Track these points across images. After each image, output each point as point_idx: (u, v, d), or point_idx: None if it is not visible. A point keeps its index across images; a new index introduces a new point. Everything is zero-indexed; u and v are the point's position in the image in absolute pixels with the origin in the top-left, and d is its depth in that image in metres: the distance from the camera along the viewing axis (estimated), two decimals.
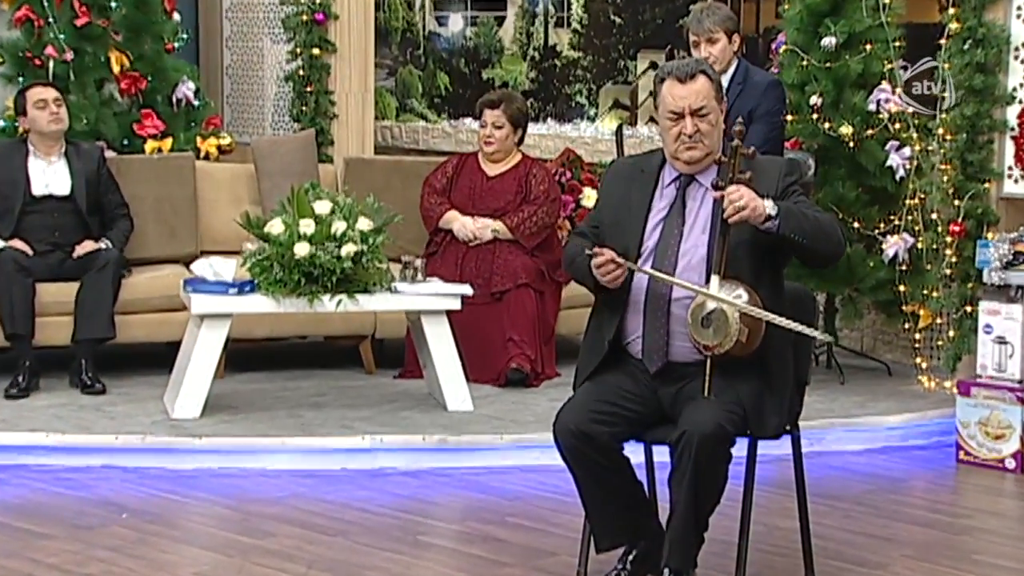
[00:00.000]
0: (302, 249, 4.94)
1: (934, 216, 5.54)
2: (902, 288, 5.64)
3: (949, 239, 5.42)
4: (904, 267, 5.63)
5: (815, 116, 5.67)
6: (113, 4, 6.34)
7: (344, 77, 7.28)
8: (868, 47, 5.64)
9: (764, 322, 3.25)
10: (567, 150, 6.75)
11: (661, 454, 3.43)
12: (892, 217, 5.68)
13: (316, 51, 7.20)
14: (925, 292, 5.60)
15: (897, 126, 5.64)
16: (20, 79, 6.19)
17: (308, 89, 7.22)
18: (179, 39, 6.67)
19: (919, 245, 5.61)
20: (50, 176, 5.69)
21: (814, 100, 5.65)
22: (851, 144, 5.65)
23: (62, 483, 4.53)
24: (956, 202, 5.43)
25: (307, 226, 4.99)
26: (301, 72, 7.24)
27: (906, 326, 5.77)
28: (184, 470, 4.69)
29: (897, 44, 5.64)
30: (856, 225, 5.66)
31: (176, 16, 6.62)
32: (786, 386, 3.39)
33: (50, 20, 6.23)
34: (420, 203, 6.00)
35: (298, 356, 6.15)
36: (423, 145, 8.10)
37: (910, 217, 5.63)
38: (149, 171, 6.12)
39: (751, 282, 3.30)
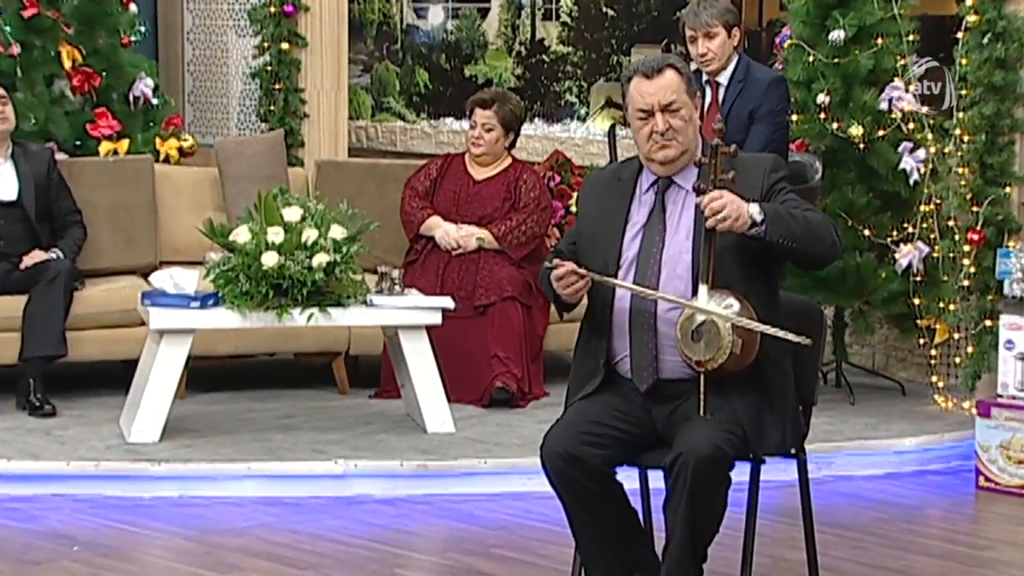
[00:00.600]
0: (270, 259, 4.95)
1: (951, 223, 5.57)
2: (917, 301, 5.67)
3: (967, 248, 5.46)
4: (919, 278, 5.66)
5: (822, 116, 5.71)
6: None
7: (315, 73, 7.30)
8: (879, 41, 5.68)
9: (759, 333, 3.27)
10: (556, 152, 6.78)
11: (657, 480, 3.44)
12: (905, 224, 5.72)
13: (285, 45, 7.22)
14: (941, 305, 5.63)
15: (911, 126, 5.67)
16: None
17: (276, 86, 7.24)
18: (136, 32, 6.67)
19: (935, 254, 5.65)
20: None
21: (821, 99, 5.69)
22: (861, 146, 5.68)
23: (8, 514, 4.52)
24: (974, 208, 5.47)
25: (275, 234, 5.00)
26: (269, 68, 7.25)
27: (921, 342, 5.80)
28: (141, 499, 4.69)
29: (911, 38, 5.69)
30: (867, 233, 5.70)
31: (133, 7, 6.62)
32: (786, 401, 3.42)
33: None
34: (400, 206, 6.01)
35: (266, 375, 6.15)
36: (401, 147, 8.12)
37: (925, 224, 5.67)
38: (104, 175, 6.12)
39: (743, 290, 3.32)
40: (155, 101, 6.62)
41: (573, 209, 6.38)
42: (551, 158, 6.70)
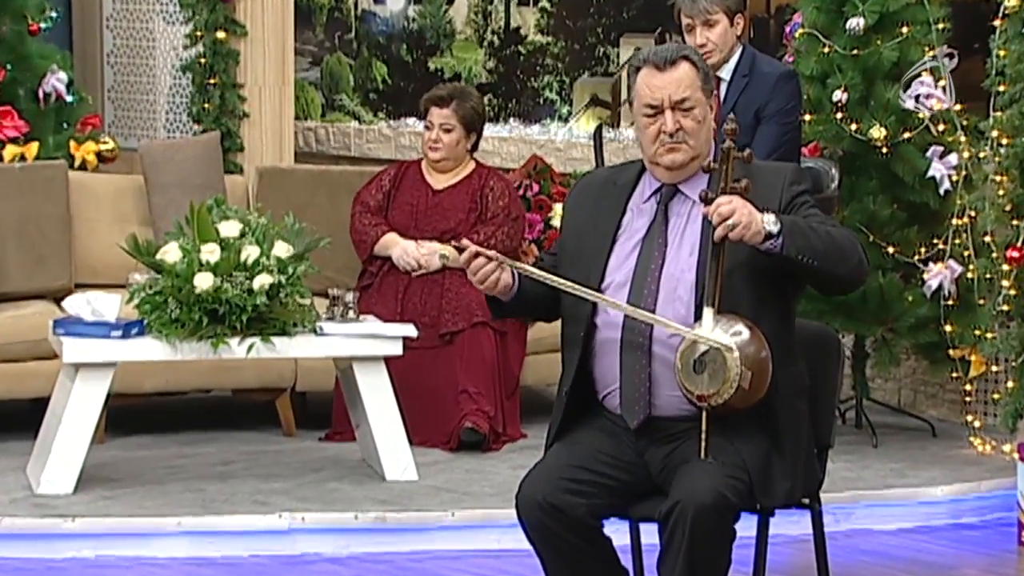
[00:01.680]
0: (204, 281, 4.95)
1: (987, 239, 5.60)
2: (948, 328, 5.71)
3: (1006, 267, 5.48)
4: (951, 302, 5.70)
5: (839, 115, 5.75)
6: None
7: (256, 67, 7.31)
8: (905, 30, 5.74)
9: (771, 366, 3.29)
10: (534, 157, 6.80)
11: (651, 534, 3.46)
12: (935, 240, 5.76)
13: (221, 34, 7.23)
14: (977, 333, 5.66)
15: (941, 127, 5.72)
16: None
17: (211, 81, 7.25)
18: (47, 18, 6.67)
19: (969, 275, 5.68)
20: None
21: (838, 96, 5.73)
22: (884, 150, 5.73)
23: None
24: (1014, 222, 5.50)
25: (210, 252, 5.01)
26: (203, 60, 7.26)
27: (954, 375, 5.83)
28: (53, 560, 4.67)
29: (941, 26, 5.74)
30: (891, 250, 5.74)
31: None
32: (800, 443, 3.44)
33: None
34: (351, 224, 6.03)
35: (199, 415, 6.15)
36: (355, 151, 8.14)
37: (957, 240, 5.71)
38: (9, 184, 6.11)
39: (753, 316, 3.35)
40: (69, 98, 6.62)
41: (555, 223, 6.40)
42: (528, 164, 6.72)
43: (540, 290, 3.50)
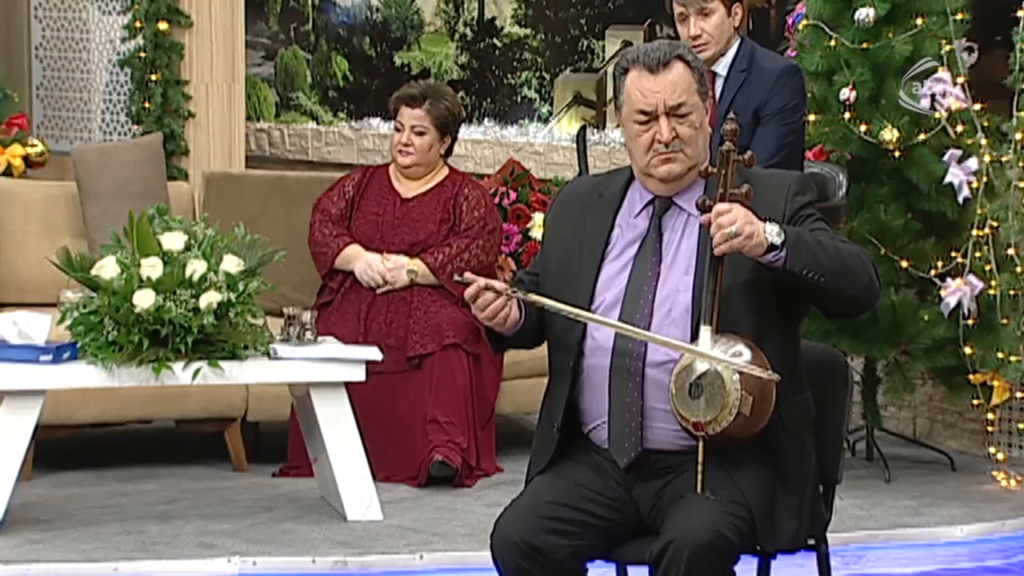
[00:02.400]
0: (145, 299, 4.94)
1: (1011, 252, 5.63)
2: (968, 351, 5.73)
3: None
4: (971, 322, 5.72)
5: (847, 116, 5.77)
6: None
7: (203, 61, 7.31)
8: (919, 21, 5.76)
9: (774, 391, 3.29)
10: (510, 162, 6.82)
11: None
12: (953, 253, 5.78)
13: (164, 25, 7.23)
14: (1000, 356, 5.68)
15: (959, 129, 5.74)
16: None
17: (153, 78, 7.25)
18: None
19: (990, 291, 5.70)
20: None
21: (845, 94, 5.76)
22: (896, 154, 5.75)
23: None
24: None
25: (152, 268, 5.00)
26: (143, 54, 7.26)
27: (975, 402, 5.85)
28: None
29: (959, 17, 5.76)
30: (904, 264, 5.76)
31: None
32: (806, 478, 3.44)
33: None
34: (309, 234, 6.03)
35: (138, 448, 6.13)
36: (314, 155, 8.15)
37: (978, 254, 5.73)
38: None
39: (754, 336, 3.35)
40: None
41: (534, 234, 6.41)
42: (504, 169, 6.74)
43: (535, 316, 3.51)
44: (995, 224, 5.70)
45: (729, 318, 3.34)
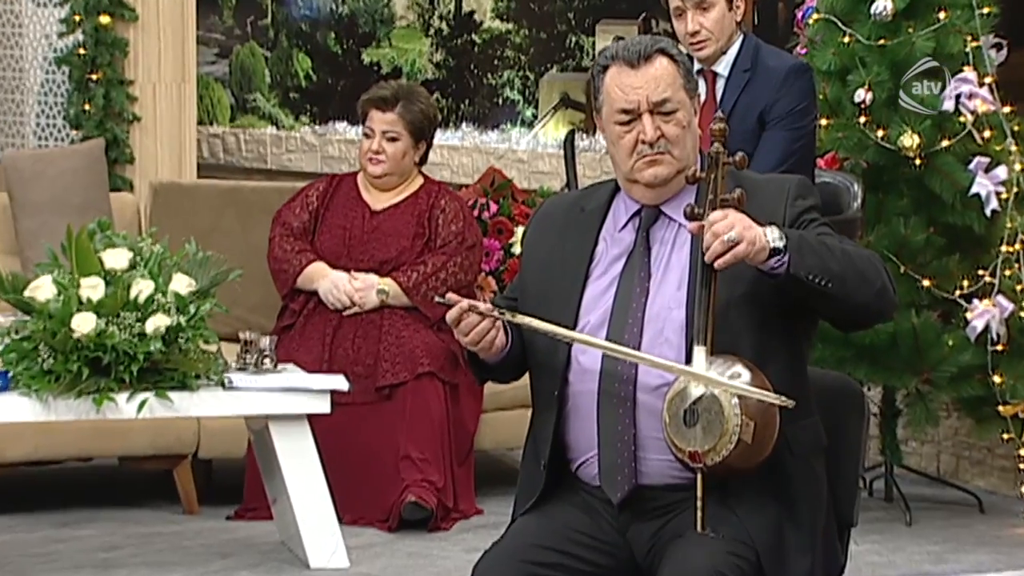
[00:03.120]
0: (85, 323, 4.94)
1: None
2: (997, 379, 5.73)
3: None
4: (1000, 347, 5.73)
5: (862, 120, 5.79)
6: None
7: (150, 59, 7.31)
8: (942, 16, 5.78)
9: (778, 416, 3.30)
10: (491, 171, 6.83)
11: None
12: (980, 272, 5.79)
13: (106, 19, 7.23)
14: None
15: (987, 134, 5.76)
16: None
17: (94, 77, 7.24)
18: None
19: (1022, 314, 5.71)
20: None
21: (860, 95, 5.77)
22: (917, 162, 5.77)
23: None
24: None
25: (92, 288, 5.00)
26: (83, 51, 7.25)
27: (1005, 437, 5.86)
28: None
29: (986, 11, 5.79)
30: (926, 284, 5.77)
31: None
32: (817, 514, 3.44)
33: None
34: (268, 251, 6.03)
35: (77, 488, 6.11)
36: (273, 163, 8.15)
37: (1008, 272, 5.74)
38: None
39: (756, 358, 3.35)
40: None
41: (516, 250, 6.42)
42: (484, 179, 6.75)
43: (519, 344, 3.51)
44: None
45: (727, 336, 3.34)
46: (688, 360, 3.34)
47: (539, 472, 3.48)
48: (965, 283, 5.78)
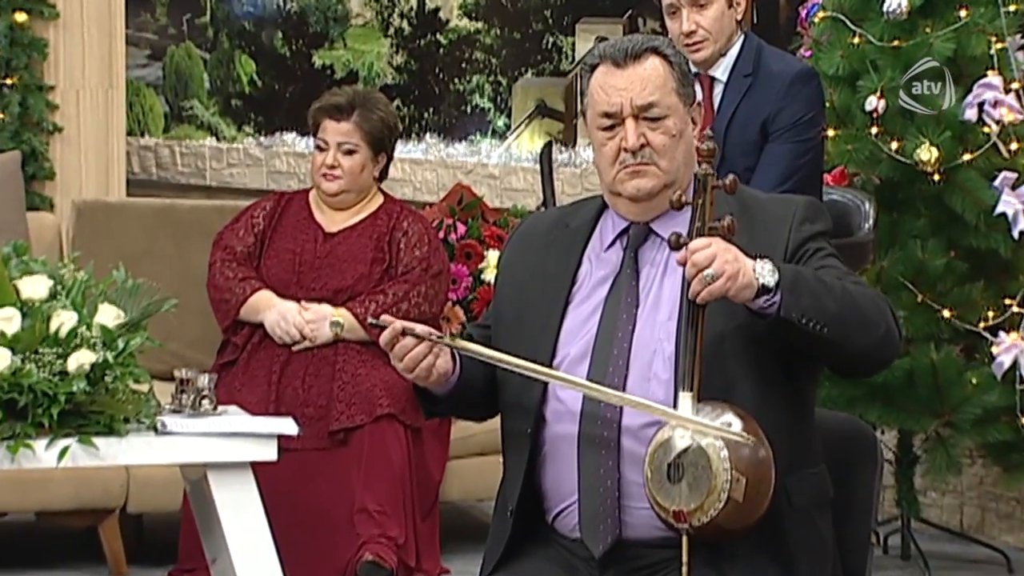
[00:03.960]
0: (0, 360, 4.94)
1: None
2: None
3: None
4: None
5: (874, 130, 5.81)
6: None
7: (73, 62, 7.31)
8: (963, 14, 5.81)
9: (772, 470, 3.29)
10: (458, 187, 6.83)
11: None
12: (1007, 301, 5.81)
13: (22, 17, 7.22)
14: None
15: (1014, 147, 5.78)
16: None
17: (8, 82, 7.23)
18: None
19: None
20: None
21: (872, 103, 5.79)
22: (936, 177, 5.79)
23: None
24: None
25: (7, 321, 4.99)
26: None
27: None
28: None
29: (1013, 8, 5.82)
30: (947, 314, 5.78)
31: None
32: (822, 573, 3.44)
33: None
34: (208, 278, 6.02)
35: None
36: (213, 179, 8.15)
37: None
38: None
39: (754, 401, 3.34)
40: None
41: (487, 277, 6.42)
42: (451, 196, 6.75)
43: (482, 375, 3.51)
44: None
45: (720, 376, 3.34)
46: (674, 407, 3.34)
47: (507, 521, 3.49)
48: (990, 314, 5.80)
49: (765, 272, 3.26)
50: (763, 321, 3.29)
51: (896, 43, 5.82)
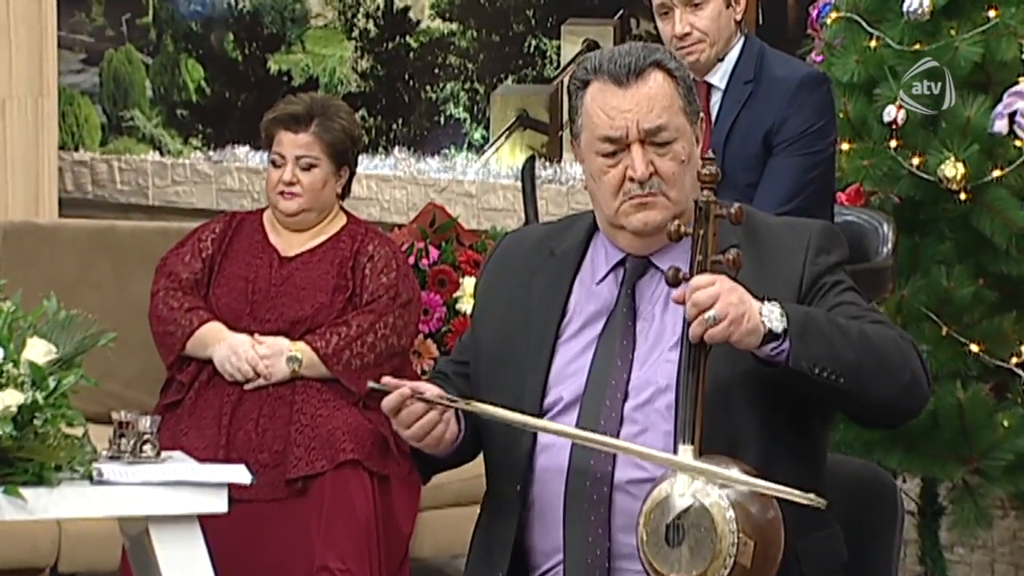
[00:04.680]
0: None
1: None
2: None
3: None
4: None
5: (893, 144, 5.82)
6: None
7: None
8: (992, 14, 5.82)
9: (782, 532, 3.29)
10: (430, 207, 6.84)
11: None
12: None
13: None
14: None
15: None
16: None
17: None
18: None
19: None
20: None
21: (891, 113, 5.80)
22: (962, 196, 5.79)
23: None
24: None
25: None
26: None
27: None
28: None
29: None
30: (974, 349, 5.79)
31: None
32: None
33: None
34: (151, 309, 6.01)
35: None
36: (156, 198, 8.15)
37: None
38: None
39: (763, 453, 3.35)
40: None
41: (463, 307, 6.43)
42: (422, 217, 6.76)
43: (472, 427, 3.51)
44: None
45: (724, 424, 3.35)
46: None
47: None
48: (1023, 348, 5.81)
49: (773, 317, 3.26)
50: (776, 375, 3.28)
51: (917, 47, 5.83)
